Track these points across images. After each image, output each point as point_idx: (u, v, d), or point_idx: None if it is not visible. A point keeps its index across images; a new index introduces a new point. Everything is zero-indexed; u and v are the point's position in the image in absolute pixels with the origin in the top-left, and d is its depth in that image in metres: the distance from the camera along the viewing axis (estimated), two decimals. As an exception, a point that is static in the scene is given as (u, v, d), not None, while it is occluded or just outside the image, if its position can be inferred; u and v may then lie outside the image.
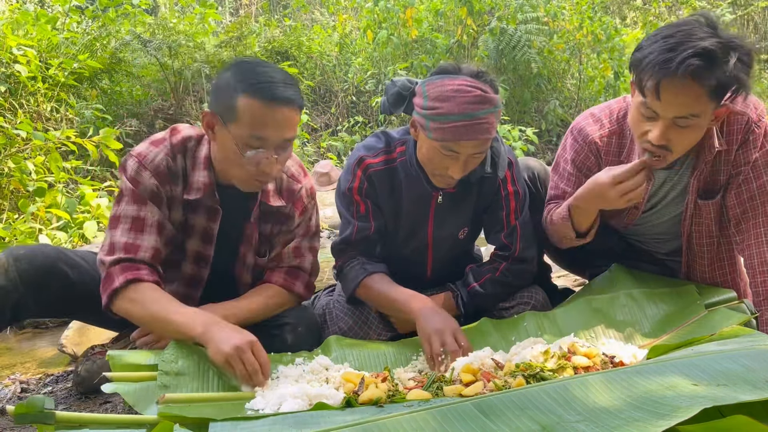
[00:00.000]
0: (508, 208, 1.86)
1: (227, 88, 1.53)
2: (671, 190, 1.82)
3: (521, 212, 1.88)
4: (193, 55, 6.40)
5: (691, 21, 1.50)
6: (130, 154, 1.62)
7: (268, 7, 9.90)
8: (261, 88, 1.50)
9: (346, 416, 1.16)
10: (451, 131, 1.58)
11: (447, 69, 1.66)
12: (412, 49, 7.57)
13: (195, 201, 1.65)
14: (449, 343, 1.56)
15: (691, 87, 1.45)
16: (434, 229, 1.89)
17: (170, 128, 1.69)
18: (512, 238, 1.87)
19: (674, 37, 1.46)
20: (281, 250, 1.79)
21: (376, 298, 1.81)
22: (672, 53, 1.44)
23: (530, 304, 1.90)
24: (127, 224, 1.57)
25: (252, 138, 1.52)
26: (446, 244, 1.94)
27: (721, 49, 1.43)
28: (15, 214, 3.73)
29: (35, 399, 1.11)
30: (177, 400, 1.28)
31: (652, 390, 1.17)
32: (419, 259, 1.96)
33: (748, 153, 1.68)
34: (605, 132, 1.79)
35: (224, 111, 1.53)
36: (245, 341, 1.41)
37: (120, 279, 1.52)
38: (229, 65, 1.60)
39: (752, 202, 1.72)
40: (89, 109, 5.38)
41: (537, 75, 7.18)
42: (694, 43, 1.43)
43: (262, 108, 1.50)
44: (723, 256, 1.87)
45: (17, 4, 6.55)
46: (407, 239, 1.92)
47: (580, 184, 1.80)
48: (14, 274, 1.55)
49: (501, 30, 6.91)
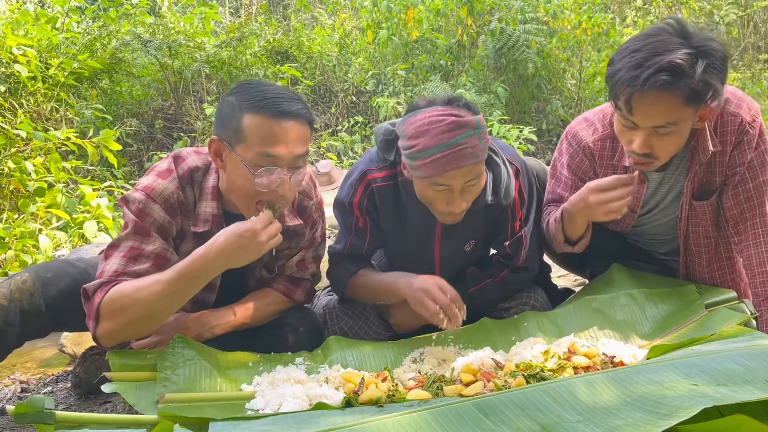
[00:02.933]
0: (513, 217, 1.82)
1: (231, 111, 1.48)
2: (668, 193, 1.82)
3: (527, 221, 1.83)
4: (193, 55, 6.40)
5: (660, 30, 1.49)
6: (135, 189, 1.54)
7: (268, 7, 9.90)
8: (266, 104, 1.45)
9: (346, 416, 1.16)
10: (433, 165, 1.53)
11: (419, 104, 1.61)
12: (413, 49, 7.56)
13: (203, 233, 1.58)
14: (440, 299, 1.58)
15: (662, 98, 1.45)
16: (441, 247, 1.85)
17: (172, 156, 1.60)
18: (517, 248, 1.83)
19: (641, 51, 1.46)
20: (286, 262, 1.78)
21: (365, 293, 1.82)
22: (639, 70, 1.44)
23: (530, 304, 1.90)
24: (123, 252, 1.49)
25: (261, 156, 1.45)
26: (454, 260, 1.89)
27: (688, 60, 1.42)
28: (15, 214, 3.73)
29: (35, 399, 1.11)
30: (177, 400, 1.28)
31: (652, 390, 1.17)
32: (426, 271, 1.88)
33: (743, 154, 1.68)
34: (598, 136, 1.80)
35: (230, 134, 1.47)
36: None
37: (99, 295, 1.42)
38: (231, 89, 1.55)
39: (749, 203, 1.72)
40: (89, 109, 5.37)
41: (536, 75, 7.17)
42: (661, 56, 1.43)
43: (269, 123, 1.44)
44: (722, 257, 1.87)
45: (17, 4, 6.55)
46: (414, 256, 1.87)
47: (577, 187, 1.81)
48: (39, 300, 1.50)
49: (500, 30, 6.91)
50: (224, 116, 1.50)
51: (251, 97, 1.47)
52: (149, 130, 6.35)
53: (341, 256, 1.85)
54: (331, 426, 1.09)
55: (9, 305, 1.47)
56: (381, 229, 1.84)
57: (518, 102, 7.37)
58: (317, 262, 1.85)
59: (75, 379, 1.78)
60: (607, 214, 1.63)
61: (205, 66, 6.33)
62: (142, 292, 1.40)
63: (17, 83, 4.70)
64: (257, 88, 1.50)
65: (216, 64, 6.44)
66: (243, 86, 1.52)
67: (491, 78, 7.17)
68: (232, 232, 1.41)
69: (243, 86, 1.52)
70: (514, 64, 7.10)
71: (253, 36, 6.93)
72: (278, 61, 7.33)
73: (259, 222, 1.43)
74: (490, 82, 7.05)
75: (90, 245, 3.32)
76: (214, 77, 6.83)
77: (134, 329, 1.46)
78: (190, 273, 1.41)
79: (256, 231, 1.42)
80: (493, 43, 6.99)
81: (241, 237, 1.41)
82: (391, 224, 1.82)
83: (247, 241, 1.41)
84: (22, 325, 1.48)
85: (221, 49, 6.49)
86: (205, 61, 6.33)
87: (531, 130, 6.49)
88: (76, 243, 3.61)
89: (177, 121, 6.59)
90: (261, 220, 1.43)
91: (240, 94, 1.49)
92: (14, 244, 3.24)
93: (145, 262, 1.49)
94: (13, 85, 4.71)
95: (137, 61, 6.23)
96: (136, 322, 1.43)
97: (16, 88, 4.73)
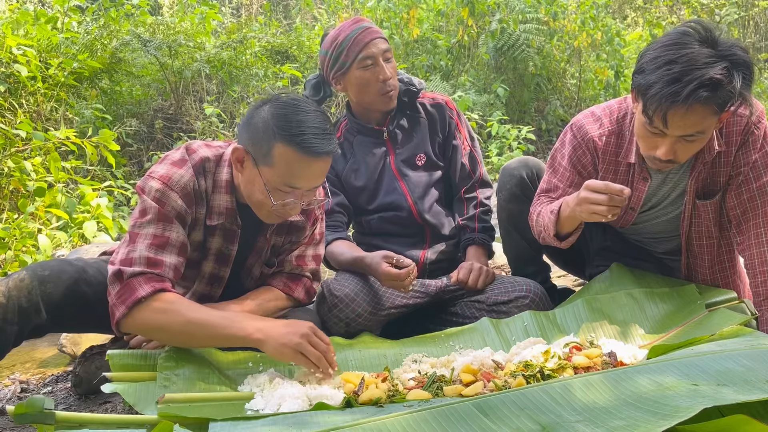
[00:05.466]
0: (460, 137, 2.18)
1: (265, 132, 1.49)
2: (672, 191, 1.82)
3: (472, 140, 2.20)
4: (193, 55, 6.40)
5: (686, 37, 1.49)
6: (149, 176, 1.56)
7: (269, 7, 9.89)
8: (303, 140, 1.46)
9: (346, 416, 1.16)
10: (356, 44, 1.96)
11: (326, 32, 2.06)
12: (413, 48, 7.56)
13: (216, 225, 1.63)
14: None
15: (699, 111, 1.46)
16: (395, 161, 2.12)
17: (184, 147, 1.63)
18: (474, 162, 2.19)
19: (677, 63, 1.45)
20: (285, 257, 1.79)
21: (339, 262, 2.03)
22: (678, 85, 1.43)
23: (528, 297, 1.90)
24: (150, 240, 1.50)
25: (284, 185, 1.51)
26: (412, 173, 2.13)
27: (726, 75, 1.43)
28: (15, 214, 3.73)
29: (35, 399, 1.11)
30: (177, 400, 1.28)
31: (652, 390, 1.17)
32: (401, 203, 2.11)
33: (748, 154, 1.69)
34: (605, 131, 1.79)
35: (258, 153, 1.50)
36: (308, 327, 1.42)
37: (146, 288, 1.44)
38: (266, 101, 1.55)
39: (752, 203, 1.72)
40: (89, 109, 5.37)
41: (536, 74, 7.17)
42: (700, 71, 1.43)
43: (299, 160, 1.48)
44: (723, 258, 1.87)
45: (17, 3, 6.55)
46: (382, 189, 2.13)
47: (573, 181, 1.82)
48: (37, 297, 1.50)
49: (501, 30, 6.91)
50: (256, 132, 1.51)
51: (289, 127, 1.47)
52: (149, 130, 6.35)
53: None
54: (331, 426, 1.09)
55: (7, 303, 1.47)
56: (345, 186, 2.14)
57: (518, 102, 7.37)
58: (317, 261, 1.85)
59: (75, 379, 1.77)
60: (590, 215, 1.62)
61: (206, 66, 6.33)
62: (190, 316, 1.44)
63: (17, 83, 4.70)
64: (295, 116, 1.49)
65: (216, 64, 6.44)
66: (281, 106, 1.52)
67: (491, 78, 7.17)
68: (293, 330, 1.44)
69: (281, 106, 1.52)
70: (515, 64, 7.10)
71: (254, 38, 6.93)
72: (278, 61, 7.33)
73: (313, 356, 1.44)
74: (491, 82, 7.05)
75: (90, 245, 3.32)
76: (214, 77, 6.82)
77: (158, 337, 1.52)
78: (232, 336, 1.45)
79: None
80: (493, 43, 6.99)
81: (293, 337, 1.44)
82: (348, 177, 2.13)
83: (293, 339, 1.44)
84: (20, 323, 1.48)
85: (221, 49, 6.48)
86: (205, 61, 6.32)
87: (530, 130, 6.49)
88: (75, 243, 3.61)
89: (177, 121, 6.59)
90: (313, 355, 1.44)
91: (277, 116, 1.49)
92: (14, 244, 3.24)
93: (173, 252, 1.52)
94: (13, 85, 4.71)
95: (137, 61, 6.23)
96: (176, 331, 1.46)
97: (16, 88, 4.73)
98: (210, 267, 1.68)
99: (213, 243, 1.66)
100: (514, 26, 6.94)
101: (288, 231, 1.76)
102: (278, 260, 1.79)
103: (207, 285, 1.71)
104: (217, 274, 1.70)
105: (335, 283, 1.90)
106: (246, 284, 1.78)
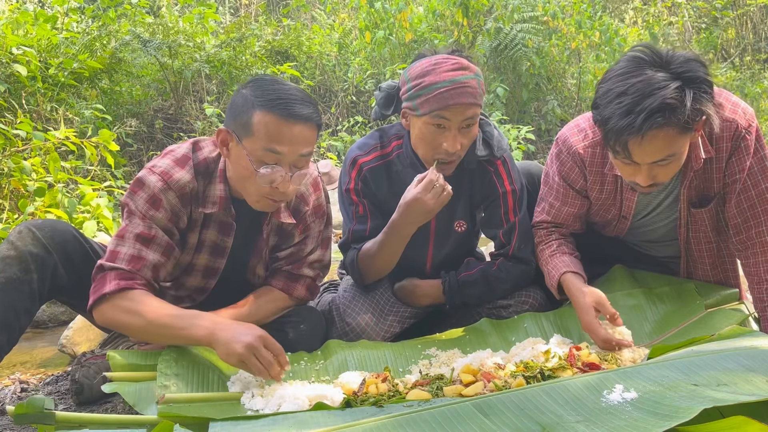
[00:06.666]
0: (506, 206, 1.90)
1: (243, 105, 1.50)
2: (665, 199, 1.80)
3: (519, 211, 1.90)
4: (193, 55, 6.40)
5: (637, 65, 1.47)
6: (151, 170, 1.57)
7: (267, 7, 9.90)
8: (278, 104, 1.48)
9: (346, 416, 1.16)
10: (437, 99, 1.66)
11: (423, 53, 1.78)
12: (411, 49, 7.56)
13: (210, 215, 1.63)
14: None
15: (658, 136, 1.44)
16: (436, 220, 1.90)
17: (192, 143, 1.64)
18: (510, 236, 1.91)
19: (628, 94, 1.44)
20: (281, 261, 1.78)
21: (377, 251, 1.83)
22: (630, 117, 1.42)
23: (528, 303, 1.90)
24: (136, 238, 1.53)
25: (266, 152, 1.48)
26: (446, 236, 1.96)
27: (677, 96, 1.41)
28: (15, 214, 3.72)
29: (35, 399, 1.11)
30: (177, 400, 1.28)
31: (652, 390, 1.17)
32: (420, 252, 1.97)
33: (742, 160, 1.65)
34: (588, 142, 1.77)
35: (239, 127, 1.51)
36: (255, 337, 1.38)
37: (112, 284, 1.47)
38: (247, 82, 1.57)
39: (753, 211, 1.69)
40: (89, 109, 5.37)
41: (535, 74, 7.17)
42: (651, 98, 1.41)
43: (277, 123, 1.47)
44: (724, 260, 1.86)
45: (17, 4, 6.55)
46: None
47: (567, 196, 1.83)
48: (42, 240, 1.54)
49: (497, 29, 6.91)
50: (236, 108, 1.53)
51: (265, 94, 1.49)
52: (149, 130, 6.35)
53: (347, 244, 1.92)
54: (331, 426, 1.09)
55: (18, 254, 1.51)
56: (381, 211, 1.90)
57: (518, 102, 7.37)
58: (321, 269, 1.84)
59: (76, 386, 1.69)
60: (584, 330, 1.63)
61: (205, 66, 6.33)
62: (150, 317, 1.44)
63: (17, 83, 4.70)
64: (272, 85, 1.52)
65: (216, 64, 6.44)
66: (258, 81, 1.55)
67: (490, 78, 7.17)
68: (240, 339, 1.39)
69: (258, 81, 1.55)
70: (513, 64, 7.10)
71: (253, 37, 6.93)
72: (278, 61, 7.33)
73: None
74: (489, 81, 7.05)
75: (90, 245, 3.31)
76: (214, 77, 6.83)
77: (123, 332, 1.59)
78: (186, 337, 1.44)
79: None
80: (490, 42, 6.99)
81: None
82: (388, 203, 1.87)
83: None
84: (39, 270, 1.52)
85: (221, 49, 6.49)
86: (205, 61, 6.33)
87: (530, 130, 6.49)
88: (75, 243, 3.60)
89: (177, 121, 6.59)
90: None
91: (254, 89, 1.51)
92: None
93: (156, 250, 1.54)
94: (13, 85, 4.71)
95: (137, 61, 6.23)
96: (137, 330, 1.48)
97: (16, 88, 4.73)
98: (205, 259, 1.70)
99: (208, 235, 1.67)
100: (506, 24, 6.94)
101: (281, 233, 1.76)
102: (272, 257, 1.79)
103: (201, 278, 1.72)
104: (212, 266, 1.71)
105: (347, 308, 1.86)
106: (254, 283, 1.79)
